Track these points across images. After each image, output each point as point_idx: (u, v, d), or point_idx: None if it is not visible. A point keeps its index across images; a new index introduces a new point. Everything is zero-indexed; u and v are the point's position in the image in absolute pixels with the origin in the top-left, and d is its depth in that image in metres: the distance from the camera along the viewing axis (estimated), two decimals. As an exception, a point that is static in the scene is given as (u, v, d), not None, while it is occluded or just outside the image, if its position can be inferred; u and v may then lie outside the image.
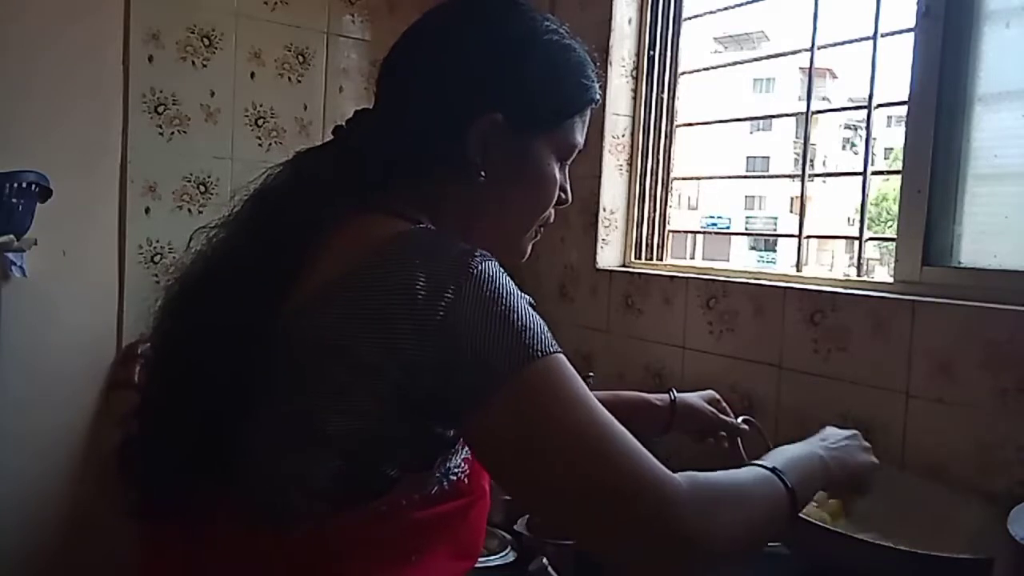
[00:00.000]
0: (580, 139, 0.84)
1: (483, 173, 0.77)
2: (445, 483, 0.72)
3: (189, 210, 1.89)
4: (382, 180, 0.77)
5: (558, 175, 0.83)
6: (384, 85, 0.83)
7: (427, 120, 0.78)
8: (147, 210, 1.84)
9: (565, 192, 0.86)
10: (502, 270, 0.68)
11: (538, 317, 0.67)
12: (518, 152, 0.79)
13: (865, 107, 1.48)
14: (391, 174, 0.77)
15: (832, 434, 0.94)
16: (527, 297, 0.68)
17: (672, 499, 0.62)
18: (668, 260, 1.94)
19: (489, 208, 0.80)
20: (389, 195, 0.76)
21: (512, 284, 0.67)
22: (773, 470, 0.74)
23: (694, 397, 1.21)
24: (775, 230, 10.22)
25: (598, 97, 0.84)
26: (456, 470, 0.74)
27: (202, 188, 1.91)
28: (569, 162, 0.86)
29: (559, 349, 0.66)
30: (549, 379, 0.64)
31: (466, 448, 0.73)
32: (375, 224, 0.71)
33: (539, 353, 0.64)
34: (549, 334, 0.66)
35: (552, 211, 0.86)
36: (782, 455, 0.80)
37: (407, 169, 0.78)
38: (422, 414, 0.66)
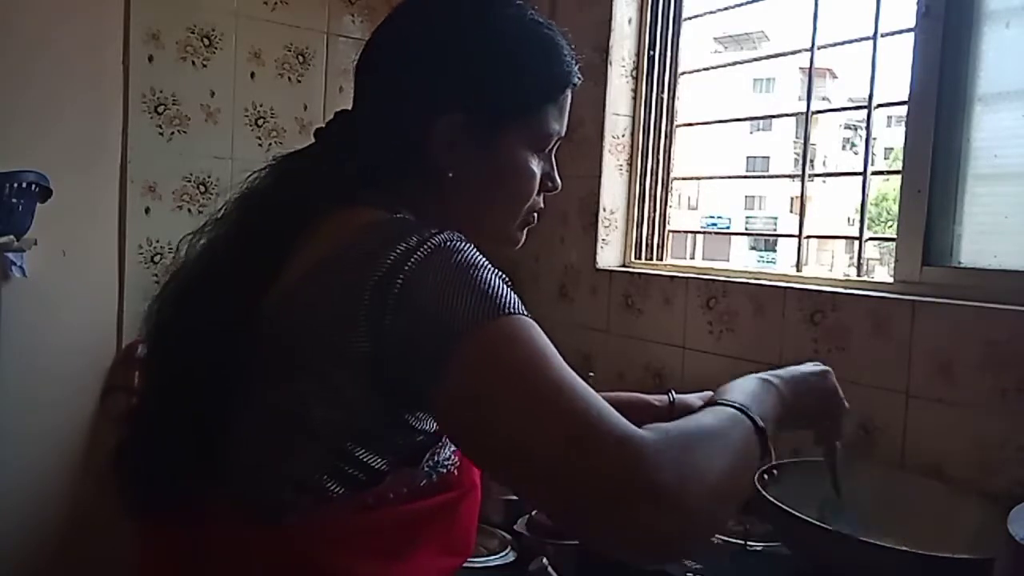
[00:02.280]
0: (557, 127, 0.81)
1: (451, 173, 0.77)
2: (434, 476, 0.72)
3: (189, 210, 1.89)
4: (360, 179, 0.77)
5: (535, 166, 0.80)
6: (356, 84, 0.83)
7: (389, 123, 0.78)
8: (147, 210, 1.84)
9: (552, 180, 0.84)
10: (474, 248, 0.66)
11: (509, 288, 0.64)
12: (484, 150, 0.77)
13: (865, 107, 1.48)
14: (367, 174, 0.77)
15: (792, 367, 0.86)
16: (502, 274, 0.65)
17: (640, 451, 0.56)
18: (668, 260, 1.94)
19: (465, 204, 0.79)
20: (369, 193, 0.76)
21: (484, 259, 0.65)
22: (742, 409, 0.68)
23: (693, 398, 1.20)
24: (775, 230, 10.21)
25: (575, 80, 0.81)
26: (446, 463, 0.73)
27: (202, 188, 1.91)
28: (551, 149, 0.83)
29: (529, 315, 0.63)
30: (513, 335, 0.61)
31: None
32: (355, 215, 0.71)
33: (505, 310, 0.61)
34: (519, 301, 0.63)
35: (540, 199, 0.84)
36: (739, 390, 0.73)
37: (381, 169, 0.78)
38: (399, 399, 0.65)
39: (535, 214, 0.84)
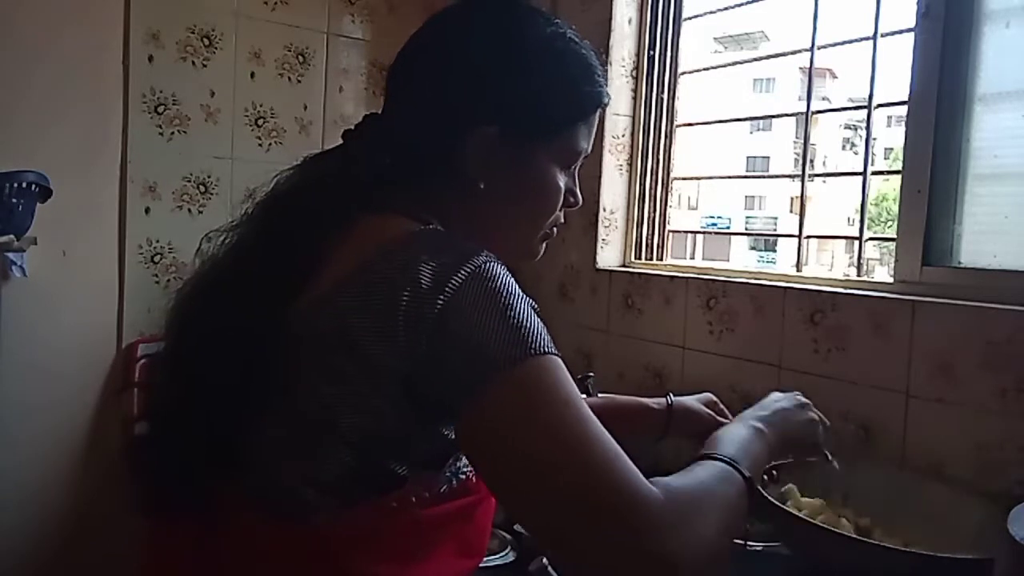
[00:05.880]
0: (585, 145, 0.83)
1: (482, 184, 0.77)
2: (454, 481, 0.73)
3: (189, 210, 1.89)
4: (388, 184, 0.77)
5: (561, 182, 0.82)
6: (389, 90, 0.83)
7: (424, 130, 0.78)
8: (147, 210, 1.84)
9: (574, 195, 0.86)
10: (508, 273, 0.67)
11: (540, 321, 0.66)
12: (516, 163, 0.79)
13: (865, 107, 1.48)
14: (396, 179, 0.78)
15: (770, 401, 0.93)
16: (531, 301, 0.67)
17: (650, 516, 0.59)
18: (668, 260, 1.94)
19: (492, 215, 0.80)
20: (397, 198, 0.77)
21: (517, 287, 0.67)
22: (731, 463, 0.72)
23: (691, 400, 1.20)
24: (775, 230, 10.21)
25: (606, 101, 0.83)
26: (465, 469, 0.74)
27: (202, 188, 1.91)
28: (576, 167, 0.85)
29: (557, 353, 0.65)
30: (543, 378, 0.63)
31: None
32: (386, 224, 0.72)
33: (535, 351, 0.63)
34: (549, 337, 0.65)
35: (561, 214, 0.85)
36: (730, 440, 0.78)
37: (411, 175, 0.79)
38: (428, 412, 0.66)
39: (554, 228, 0.86)
